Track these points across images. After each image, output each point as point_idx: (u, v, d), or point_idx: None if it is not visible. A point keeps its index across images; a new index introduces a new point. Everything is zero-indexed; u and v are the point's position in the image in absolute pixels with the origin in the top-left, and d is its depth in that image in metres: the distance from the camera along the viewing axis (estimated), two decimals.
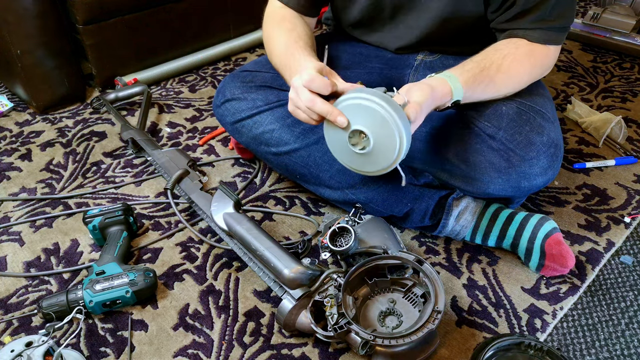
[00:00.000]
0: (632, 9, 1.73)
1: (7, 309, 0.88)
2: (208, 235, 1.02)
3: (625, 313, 0.87)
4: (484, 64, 0.84)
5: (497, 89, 0.87)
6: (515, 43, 0.88)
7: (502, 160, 0.88)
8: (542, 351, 0.75)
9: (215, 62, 1.70)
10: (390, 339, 0.70)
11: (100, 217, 0.96)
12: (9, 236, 1.03)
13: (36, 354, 0.71)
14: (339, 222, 0.86)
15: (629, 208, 1.08)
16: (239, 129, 1.01)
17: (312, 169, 0.98)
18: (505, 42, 0.88)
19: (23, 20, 1.26)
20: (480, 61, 0.84)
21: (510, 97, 0.89)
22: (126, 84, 1.46)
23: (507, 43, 0.88)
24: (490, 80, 0.84)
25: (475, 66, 0.83)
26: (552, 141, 0.88)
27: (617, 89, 1.52)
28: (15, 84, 1.41)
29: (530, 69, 0.89)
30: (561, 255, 0.88)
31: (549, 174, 0.90)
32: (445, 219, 0.95)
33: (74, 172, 1.21)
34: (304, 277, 0.78)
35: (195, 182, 1.07)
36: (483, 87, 0.84)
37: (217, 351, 0.81)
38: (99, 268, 0.88)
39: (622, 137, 1.26)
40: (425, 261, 0.79)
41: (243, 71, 1.04)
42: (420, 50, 1.05)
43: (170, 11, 1.51)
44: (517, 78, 0.88)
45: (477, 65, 0.84)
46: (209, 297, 0.90)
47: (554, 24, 0.87)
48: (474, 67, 0.83)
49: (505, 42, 0.88)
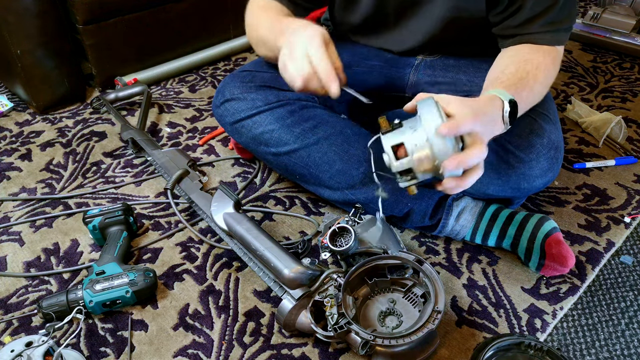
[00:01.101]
0: (632, 9, 1.73)
1: (7, 309, 0.88)
2: (208, 235, 1.02)
3: (625, 313, 0.87)
4: (520, 75, 0.81)
5: (535, 100, 0.85)
6: (538, 51, 0.86)
7: (501, 161, 0.88)
8: (542, 351, 0.75)
9: (215, 62, 1.70)
10: (390, 339, 0.70)
11: (100, 217, 0.96)
12: (9, 236, 1.03)
13: (36, 354, 0.71)
14: (339, 222, 0.86)
15: (629, 208, 1.08)
16: (239, 129, 1.01)
17: (311, 170, 0.98)
18: (528, 50, 0.87)
19: (23, 20, 1.26)
20: (515, 73, 0.81)
21: None
22: (126, 84, 1.46)
23: (530, 51, 0.86)
24: (530, 90, 0.81)
25: (510, 77, 0.81)
26: (553, 143, 0.88)
27: (617, 89, 1.52)
28: (15, 84, 1.41)
29: (554, 75, 0.89)
30: (561, 254, 0.87)
31: (548, 176, 0.90)
32: (445, 219, 0.95)
33: (74, 172, 1.21)
34: (304, 277, 0.78)
35: (195, 182, 1.07)
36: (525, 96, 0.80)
37: (217, 351, 0.81)
38: (99, 268, 0.88)
39: (622, 137, 1.26)
40: (425, 261, 0.79)
41: (243, 71, 1.04)
42: (422, 52, 1.05)
43: (170, 11, 1.51)
44: (547, 85, 0.87)
45: (513, 76, 0.81)
46: (209, 297, 0.90)
47: (562, 25, 0.87)
48: (510, 78, 0.81)
49: (528, 50, 0.87)
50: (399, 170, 0.70)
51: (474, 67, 1.03)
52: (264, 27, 0.91)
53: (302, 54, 0.75)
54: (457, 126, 0.65)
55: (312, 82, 0.77)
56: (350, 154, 0.95)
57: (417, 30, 0.99)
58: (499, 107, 0.74)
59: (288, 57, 0.77)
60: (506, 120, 0.75)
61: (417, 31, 0.99)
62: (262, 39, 0.93)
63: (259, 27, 0.93)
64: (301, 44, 0.76)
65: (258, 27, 0.93)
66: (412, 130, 0.68)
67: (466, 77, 1.01)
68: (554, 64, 0.87)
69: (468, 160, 0.66)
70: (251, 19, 0.97)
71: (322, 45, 0.75)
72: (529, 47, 0.88)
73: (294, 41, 0.77)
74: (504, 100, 0.74)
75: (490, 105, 0.74)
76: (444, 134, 0.64)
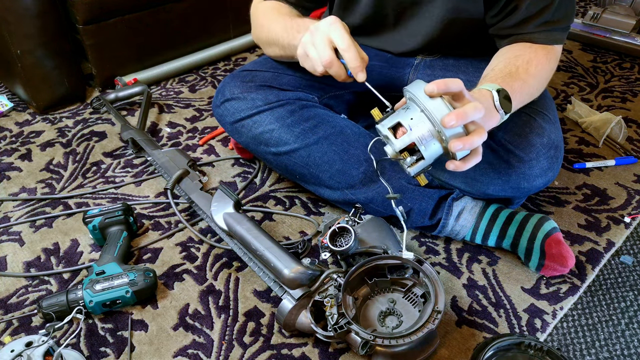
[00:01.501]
0: (632, 9, 1.73)
1: (7, 309, 0.88)
2: (208, 235, 1.02)
3: (625, 313, 0.87)
4: (509, 70, 0.82)
5: (530, 93, 0.85)
6: (531, 47, 0.87)
7: (501, 161, 0.88)
8: (542, 351, 0.75)
9: (215, 62, 1.70)
10: (390, 339, 0.70)
11: (100, 217, 0.96)
12: (9, 236, 1.03)
13: (36, 354, 0.71)
14: (339, 222, 0.86)
15: (629, 208, 1.08)
16: (239, 129, 1.01)
17: (311, 169, 0.98)
18: (520, 48, 0.87)
19: (23, 20, 1.26)
20: (503, 68, 0.82)
21: None
22: (126, 84, 1.46)
23: (522, 48, 0.87)
24: (523, 82, 0.82)
25: (498, 73, 0.81)
26: (553, 142, 0.88)
27: (617, 89, 1.52)
28: (15, 84, 1.41)
29: (549, 71, 0.89)
30: (561, 254, 0.87)
31: (548, 175, 0.90)
32: (445, 219, 0.95)
33: (74, 172, 1.21)
34: (304, 277, 0.78)
35: (195, 182, 1.07)
36: (519, 88, 0.80)
37: (217, 351, 0.81)
38: (99, 268, 0.88)
39: (622, 137, 1.26)
40: (425, 261, 0.79)
41: (243, 71, 1.04)
42: (421, 53, 1.05)
43: (170, 11, 1.51)
44: (542, 80, 0.87)
45: (501, 72, 0.82)
46: (209, 297, 0.90)
47: (558, 25, 0.87)
48: (498, 73, 0.81)
49: (520, 48, 0.87)
50: (402, 148, 0.69)
51: (473, 67, 1.03)
52: (278, 27, 0.91)
53: (324, 39, 0.75)
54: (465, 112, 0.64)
55: (334, 67, 0.76)
56: (350, 153, 0.95)
57: (417, 31, 0.99)
58: (489, 97, 0.75)
59: (310, 43, 0.77)
60: (499, 108, 0.75)
61: (417, 32, 0.99)
62: (274, 39, 0.93)
63: (270, 27, 0.93)
64: (323, 30, 0.76)
65: (270, 27, 0.93)
66: (404, 110, 0.69)
67: (465, 77, 1.01)
68: (547, 59, 0.87)
69: (472, 140, 0.66)
70: (262, 19, 0.97)
71: (346, 31, 0.75)
72: (522, 45, 0.88)
73: (315, 29, 0.77)
74: (491, 91, 0.75)
75: (479, 95, 0.75)
76: (452, 122, 0.64)
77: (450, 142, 0.66)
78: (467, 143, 0.65)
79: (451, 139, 0.66)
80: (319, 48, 0.76)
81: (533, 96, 0.87)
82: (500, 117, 0.76)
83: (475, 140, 0.66)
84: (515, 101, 0.78)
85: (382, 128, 0.70)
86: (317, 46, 0.76)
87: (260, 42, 1.01)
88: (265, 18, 0.96)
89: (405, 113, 0.69)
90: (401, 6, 0.96)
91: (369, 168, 0.93)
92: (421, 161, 0.70)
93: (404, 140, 0.68)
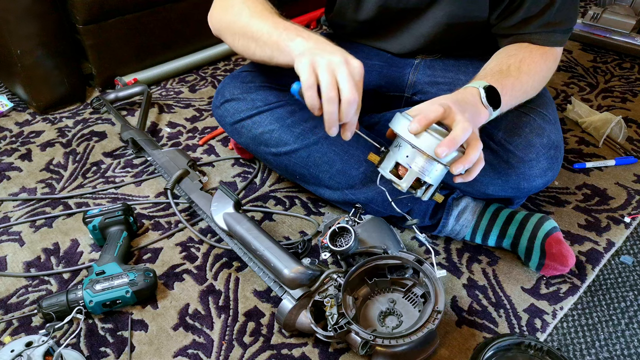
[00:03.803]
0: (632, 9, 1.73)
1: (7, 309, 0.88)
2: (208, 235, 1.02)
3: (625, 313, 0.87)
4: (500, 68, 0.82)
5: (524, 90, 0.85)
6: (527, 47, 0.87)
7: (501, 161, 0.88)
8: (542, 351, 0.75)
9: (215, 62, 1.70)
10: (390, 339, 0.70)
11: (100, 217, 0.96)
12: (9, 236, 1.03)
13: (36, 354, 0.71)
14: (339, 222, 0.86)
15: (629, 208, 1.08)
16: (239, 129, 1.01)
17: (311, 170, 0.98)
18: (516, 48, 0.88)
19: (23, 20, 1.26)
20: (494, 67, 0.83)
21: None
22: (126, 84, 1.46)
23: (517, 48, 0.87)
24: (515, 79, 0.81)
25: (489, 71, 0.82)
26: (553, 143, 0.88)
27: (617, 89, 1.52)
28: (15, 84, 1.41)
29: (546, 71, 0.89)
30: (561, 254, 0.88)
31: (548, 176, 0.90)
32: (445, 218, 0.95)
33: (74, 172, 1.21)
34: (304, 277, 0.78)
35: (195, 182, 1.07)
36: (510, 85, 0.80)
37: (217, 351, 0.81)
38: (99, 268, 0.88)
39: (622, 137, 1.26)
40: (425, 261, 0.79)
41: (243, 71, 1.04)
42: (421, 53, 1.05)
43: (170, 11, 1.51)
44: (538, 78, 0.87)
45: (492, 70, 0.82)
46: (209, 297, 0.90)
47: (559, 26, 0.87)
48: (488, 72, 0.82)
49: (515, 48, 0.88)
50: (410, 186, 0.73)
51: (473, 67, 1.02)
52: (262, 24, 0.81)
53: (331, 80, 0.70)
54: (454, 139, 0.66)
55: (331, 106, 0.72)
56: (350, 154, 0.95)
57: (419, 34, 0.99)
58: (475, 94, 0.76)
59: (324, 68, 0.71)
60: (486, 105, 0.76)
61: (419, 34, 0.99)
62: (253, 35, 0.82)
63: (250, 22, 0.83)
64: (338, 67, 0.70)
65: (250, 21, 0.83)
66: (397, 148, 0.72)
67: (466, 77, 1.01)
68: (543, 59, 0.87)
69: (470, 158, 0.69)
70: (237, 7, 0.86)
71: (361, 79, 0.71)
72: (518, 45, 0.88)
73: (328, 60, 0.70)
74: (478, 88, 0.76)
75: (465, 93, 0.76)
76: (445, 153, 0.66)
77: (452, 167, 0.69)
78: (466, 162, 0.68)
79: (450, 164, 0.69)
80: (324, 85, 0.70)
81: (528, 94, 0.87)
82: (489, 113, 0.77)
83: (472, 156, 0.68)
84: (507, 97, 0.79)
85: (384, 172, 0.74)
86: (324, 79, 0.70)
87: (227, 29, 0.90)
88: (244, 6, 0.85)
89: (399, 151, 0.72)
90: (404, 9, 0.96)
91: (369, 168, 0.93)
92: (430, 187, 0.74)
93: (408, 180, 0.72)
